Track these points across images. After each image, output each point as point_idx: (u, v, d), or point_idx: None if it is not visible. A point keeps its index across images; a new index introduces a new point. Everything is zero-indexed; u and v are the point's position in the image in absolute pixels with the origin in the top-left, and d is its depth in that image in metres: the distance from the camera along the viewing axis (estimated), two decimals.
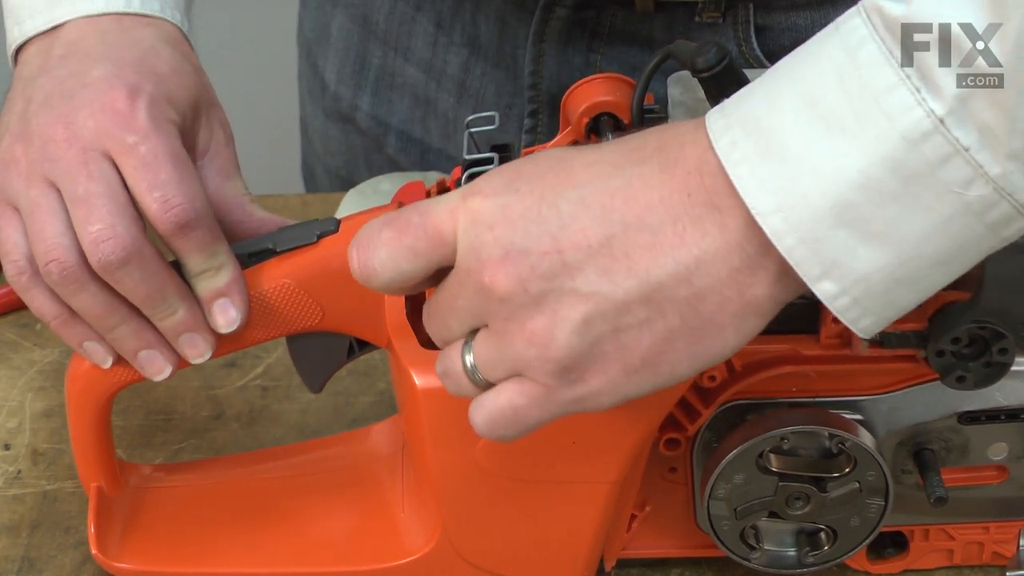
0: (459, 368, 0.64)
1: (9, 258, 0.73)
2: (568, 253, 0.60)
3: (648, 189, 0.60)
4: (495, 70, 1.03)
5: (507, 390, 0.63)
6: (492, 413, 0.63)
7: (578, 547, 0.76)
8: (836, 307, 0.59)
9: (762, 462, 0.73)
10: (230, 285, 0.73)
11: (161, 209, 0.70)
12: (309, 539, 0.80)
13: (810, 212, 0.57)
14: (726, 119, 0.60)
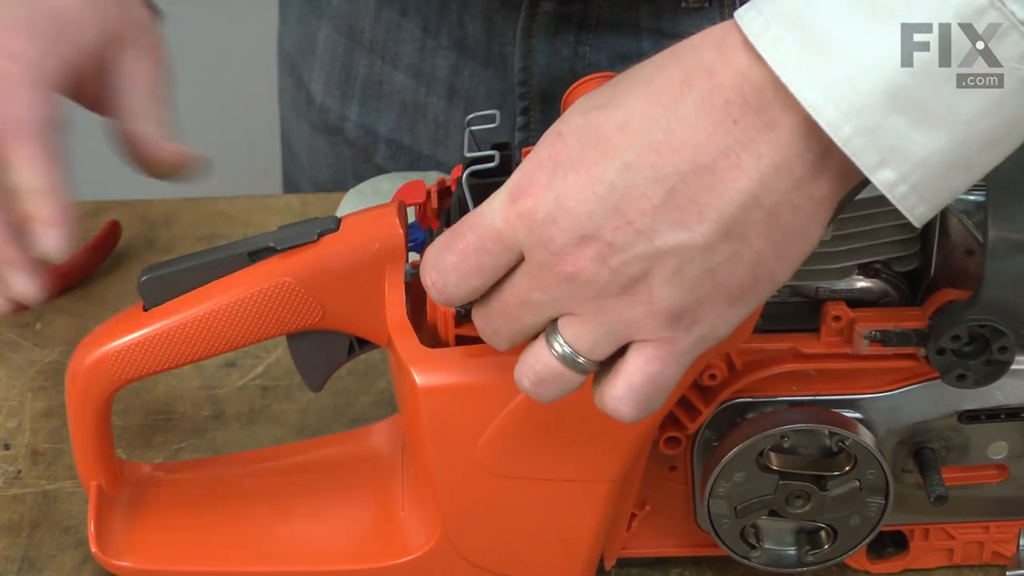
0: (555, 364, 0.63)
1: None
2: (638, 221, 0.60)
3: (691, 130, 0.59)
4: (484, 70, 1.03)
5: (632, 366, 0.62)
6: (634, 393, 0.63)
7: (578, 546, 0.76)
8: (895, 195, 0.58)
9: (762, 460, 0.73)
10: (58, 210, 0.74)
11: None
12: (309, 538, 0.80)
13: (862, 99, 0.57)
14: (762, 17, 0.58)
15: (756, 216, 0.60)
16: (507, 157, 0.73)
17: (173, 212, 1.09)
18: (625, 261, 0.60)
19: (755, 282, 0.61)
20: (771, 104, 0.58)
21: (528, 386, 0.64)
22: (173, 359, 0.75)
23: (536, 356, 0.64)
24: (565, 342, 0.63)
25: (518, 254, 0.62)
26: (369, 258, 0.74)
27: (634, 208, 0.60)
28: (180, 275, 0.75)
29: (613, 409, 0.63)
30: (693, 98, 0.59)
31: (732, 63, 0.59)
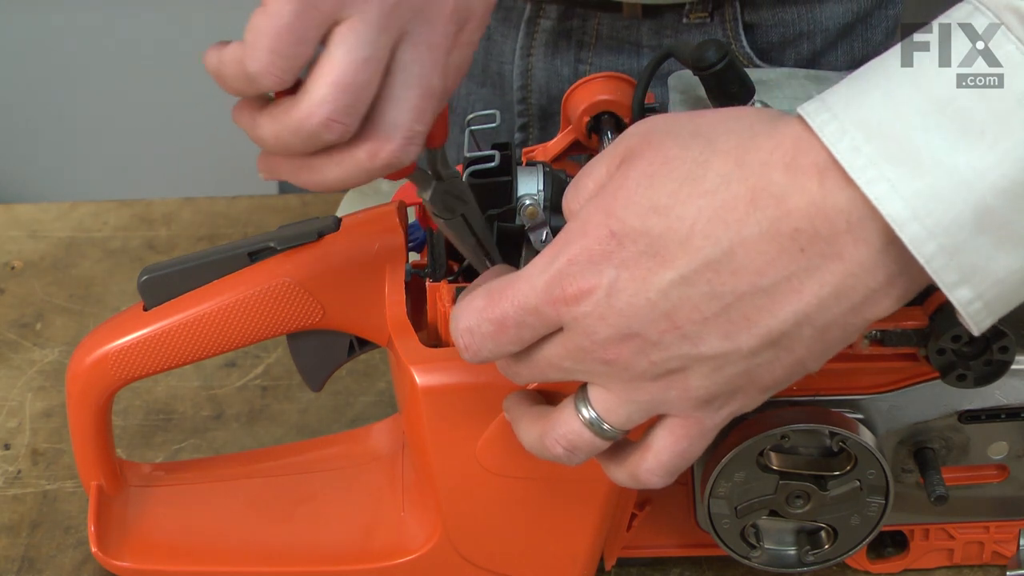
0: (584, 432, 0.63)
1: None
2: (686, 327, 0.59)
3: (754, 254, 0.58)
4: (481, 88, 1.03)
5: (661, 443, 0.63)
6: (663, 468, 0.63)
7: (578, 546, 0.76)
8: (968, 312, 0.58)
9: (763, 460, 0.73)
10: None
11: None
12: (309, 538, 0.80)
13: (951, 218, 0.56)
14: (838, 121, 0.57)
15: (806, 332, 0.59)
16: (507, 157, 0.74)
17: (173, 212, 1.09)
18: (666, 357, 0.60)
19: (789, 377, 0.62)
20: (843, 235, 0.57)
21: (560, 453, 0.64)
22: (173, 359, 0.75)
23: (565, 424, 0.64)
24: (594, 411, 0.63)
25: (557, 328, 0.62)
26: (369, 258, 0.74)
27: (684, 317, 0.59)
28: (180, 275, 0.75)
29: (644, 481, 0.64)
30: (759, 222, 0.58)
31: (803, 189, 0.58)
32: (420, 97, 0.61)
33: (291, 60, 0.59)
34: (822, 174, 0.57)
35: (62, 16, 2.10)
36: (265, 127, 0.61)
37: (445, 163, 0.69)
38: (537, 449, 0.65)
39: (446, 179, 0.69)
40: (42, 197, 1.23)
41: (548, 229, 0.73)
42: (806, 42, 0.96)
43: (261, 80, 0.59)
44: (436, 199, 0.69)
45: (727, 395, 0.61)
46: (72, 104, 2.16)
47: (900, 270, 0.58)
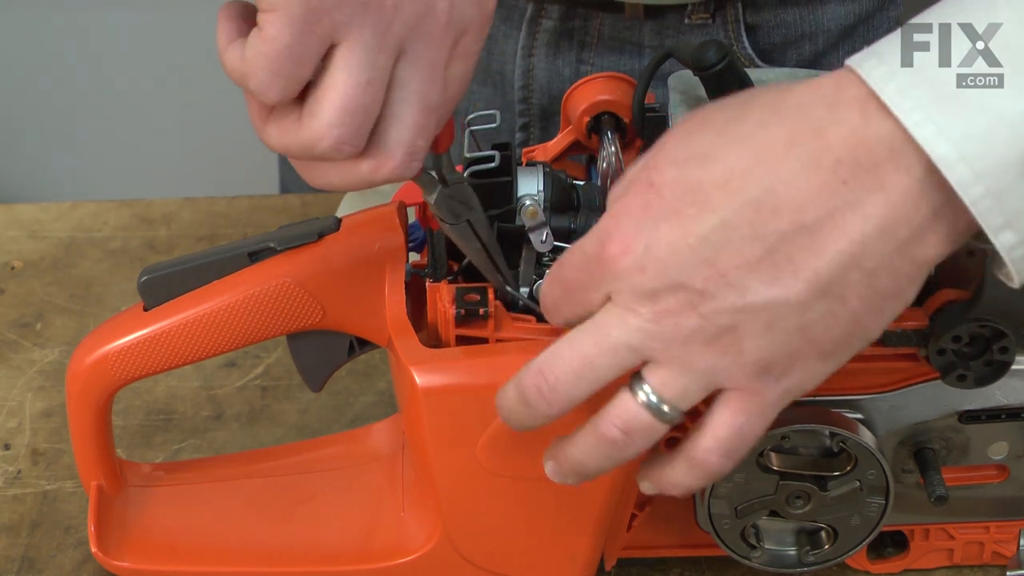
0: (642, 414, 0.62)
1: None
2: (730, 274, 0.59)
3: (795, 191, 0.58)
4: (482, 88, 1.03)
5: (718, 419, 0.62)
6: (721, 445, 0.62)
7: (578, 546, 0.76)
8: (1012, 257, 0.58)
9: (763, 461, 0.73)
10: None
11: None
12: (309, 538, 0.80)
13: (998, 161, 0.56)
14: (886, 66, 0.57)
15: (854, 277, 0.59)
16: (507, 157, 0.73)
17: (173, 212, 1.09)
18: (715, 310, 0.59)
19: (848, 339, 0.61)
20: (884, 165, 0.57)
21: (618, 436, 0.62)
22: (173, 359, 0.75)
23: (621, 407, 0.62)
24: (652, 390, 0.61)
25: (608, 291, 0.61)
26: (369, 258, 0.74)
27: (728, 262, 0.59)
28: (180, 275, 0.75)
29: (701, 462, 0.62)
30: (799, 158, 0.58)
31: (844, 121, 0.58)
32: (420, 113, 0.62)
33: (291, 80, 0.60)
34: (864, 105, 0.57)
35: (62, 16, 2.10)
36: (273, 137, 0.62)
37: (451, 168, 0.69)
38: (590, 445, 0.64)
39: (451, 184, 0.69)
40: (42, 197, 1.23)
41: (548, 229, 0.73)
42: (808, 43, 0.96)
43: (264, 97, 0.60)
44: (441, 203, 0.69)
45: (785, 361, 0.60)
46: (72, 104, 2.16)
47: (943, 204, 0.57)
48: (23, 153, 2.21)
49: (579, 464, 0.65)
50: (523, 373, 0.64)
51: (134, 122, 2.15)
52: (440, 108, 0.63)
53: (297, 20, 0.58)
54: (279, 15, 0.58)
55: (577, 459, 0.65)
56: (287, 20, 0.58)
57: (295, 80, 0.60)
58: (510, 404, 0.65)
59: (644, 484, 0.67)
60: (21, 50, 2.15)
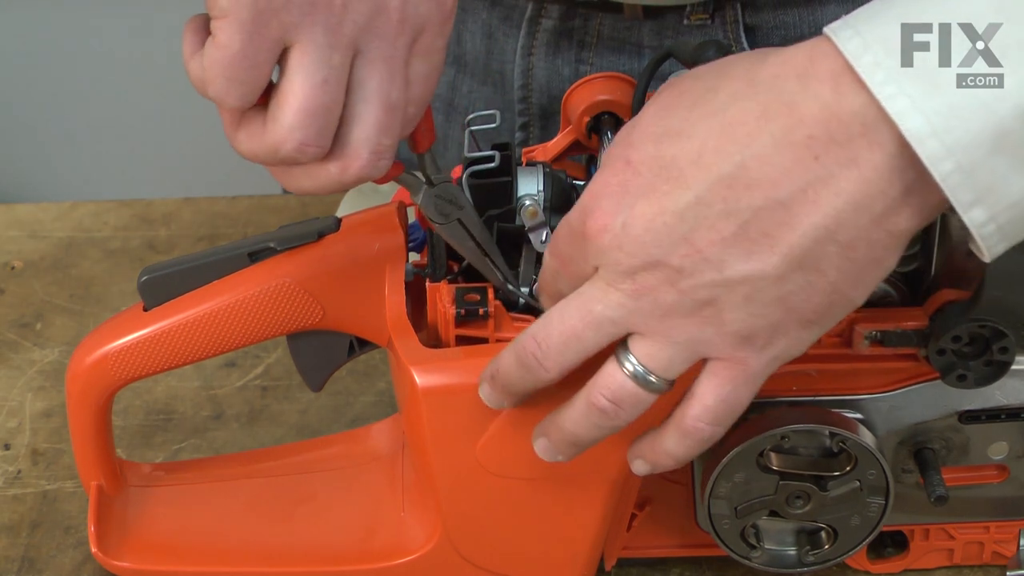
0: (628, 384, 0.63)
1: None
2: (707, 250, 0.59)
3: (767, 167, 0.58)
4: (483, 87, 1.03)
5: (705, 387, 0.63)
6: (709, 414, 0.63)
7: (578, 546, 0.76)
8: (981, 234, 0.58)
9: (763, 461, 0.73)
10: None
11: None
12: (309, 538, 0.80)
13: (969, 137, 0.56)
14: (860, 37, 0.57)
15: (831, 249, 0.59)
16: (507, 157, 0.73)
17: (173, 212, 1.09)
18: (693, 286, 0.60)
19: (830, 307, 0.61)
20: (857, 140, 0.57)
21: (606, 406, 0.64)
22: (173, 359, 0.75)
23: (609, 377, 0.63)
24: (637, 361, 0.62)
25: (592, 267, 0.62)
26: (369, 258, 0.74)
27: (703, 239, 0.59)
28: (180, 275, 0.75)
29: (691, 429, 0.63)
30: (771, 133, 0.58)
31: (816, 95, 0.58)
32: (380, 111, 0.62)
33: (248, 84, 0.60)
34: (836, 80, 0.57)
35: (62, 16, 2.10)
36: (243, 144, 0.63)
37: (435, 167, 0.70)
38: (580, 415, 0.65)
39: (437, 183, 0.70)
40: (42, 197, 1.23)
41: (548, 229, 0.73)
42: None
43: (223, 103, 0.61)
44: (428, 203, 0.70)
45: (767, 331, 0.61)
46: (72, 104, 2.16)
47: (916, 178, 0.57)
48: (23, 153, 2.21)
49: (570, 435, 0.66)
50: (520, 338, 0.65)
51: (134, 122, 2.15)
52: (403, 106, 0.63)
53: (246, 25, 0.59)
54: (229, 21, 0.59)
55: (568, 430, 0.66)
56: (237, 26, 0.59)
57: (251, 85, 0.60)
58: (507, 368, 0.66)
59: (637, 463, 0.68)
60: (21, 50, 2.15)
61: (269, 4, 0.59)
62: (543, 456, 0.68)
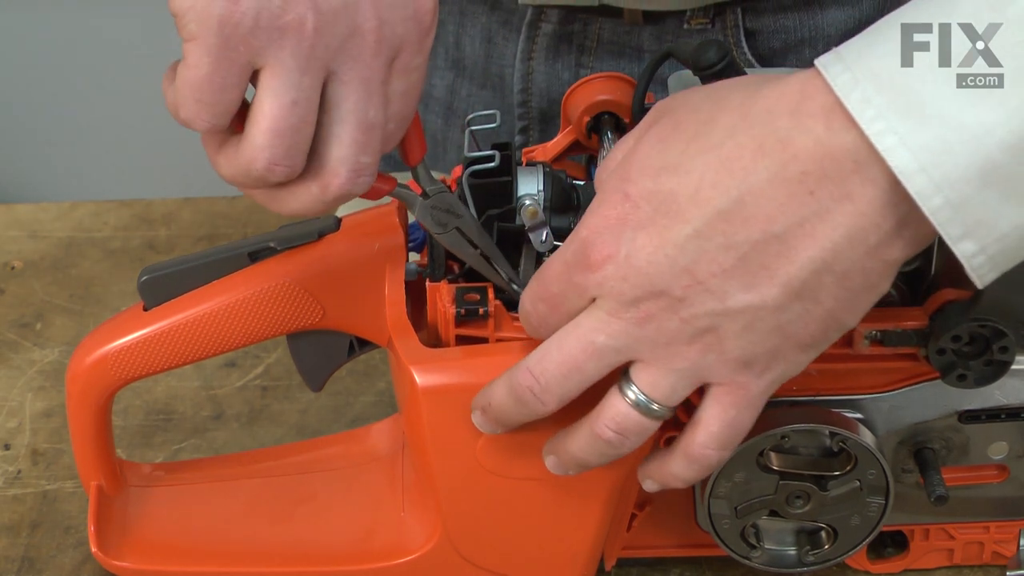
0: (632, 414, 0.64)
1: None
2: (708, 282, 0.60)
3: (764, 201, 0.59)
4: (481, 90, 1.03)
5: (709, 414, 0.64)
6: (715, 440, 0.64)
7: (578, 546, 0.76)
8: (971, 264, 0.59)
9: (763, 460, 0.73)
10: None
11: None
12: (309, 538, 0.80)
13: (958, 172, 0.57)
14: (850, 72, 0.58)
15: (827, 280, 0.60)
16: (507, 157, 0.73)
17: (173, 212, 1.09)
18: (695, 314, 0.61)
19: (825, 332, 0.62)
20: (850, 176, 0.58)
21: (612, 437, 0.65)
22: (173, 359, 0.75)
23: (612, 408, 0.64)
24: (639, 390, 0.63)
25: (591, 299, 0.63)
26: (369, 258, 0.74)
27: (704, 270, 0.60)
28: (180, 275, 0.75)
29: (698, 456, 0.64)
30: (767, 168, 0.59)
31: (809, 131, 0.59)
32: (357, 130, 0.62)
33: (218, 107, 0.61)
34: (828, 116, 0.58)
35: (62, 16, 2.10)
36: (222, 168, 0.63)
37: (429, 179, 0.70)
38: (586, 443, 0.66)
39: (432, 195, 0.70)
40: (42, 197, 1.23)
41: (548, 229, 0.73)
42: (807, 49, 0.95)
43: (193, 125, 0.62)
44: (424, 215, 0.70)
45: (766, 357, 0.62)
46: (72, 104, 2.16)
47: (907, 213, 0.58)
48: (23, 153, 2.21)
49: (578, 460, 0.67)
50: (514, 373, 0.66)
51: (134, 122, 2.14)
52: (382, 124, 0.63)
53: (214, 49, 0.59)
54: (197, 44, 0.59)
55: (576, 455, 0.67)
56: (205, 49, 0.59)
57: (221, 107, 0.61)
58: (501, 401, 0.67)
59: (647, 482, 0.69)
60: (21, 50, 2.15)
61: (236, 29, 0.59)
62: (554, 471, 0.70)
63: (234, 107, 0.61)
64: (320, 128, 0.62)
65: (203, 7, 0.59)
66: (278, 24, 0.59)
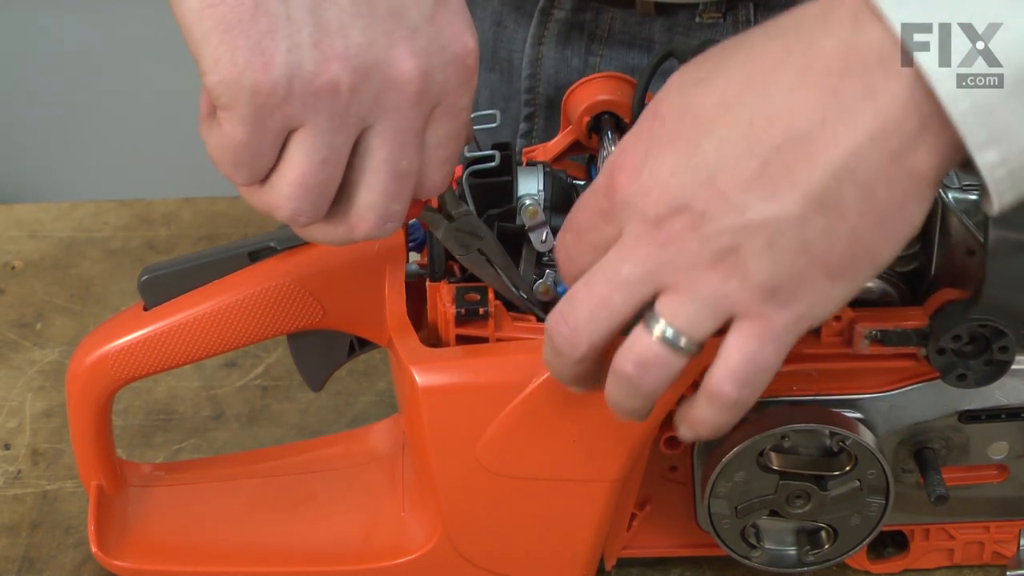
0: (656, 347, 0.62)
1: None
2: (729, 192, 0.59)
3: (788, 101, 0.59)
4: (489, 73, 1.03)
5: (730, 346, 0.61)
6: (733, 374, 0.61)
7: (578, 546, 0.76)
8: (993, 177, 0.58)
9: (763, 460, 0.73)
10: None
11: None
12: (309, 538, 0.80)
13: None
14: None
15: (850, 189, 0.59)
16: (507, 157, 0.73)
17: (173, 212, 1.09)
18: (716, 230, 0.59)
19: (853, 259, 0.60)
20: (875, 72, 0.58)
21: (631, 371, 0.62)
22: (173, 359, 0.75)
23: (636, 341, 0.62)
24: (664, 322, 0.61)
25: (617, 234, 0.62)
26: (369, 258, 0.74)
27: (726, 180, 0.59)
28: (180, 275, 0.75)
29: (717, 392, 0.62)
30: (792, 68, 0.59)
31: (836, 31, 0.58)
32: (389, 180, 0.62)
33: (255, 167, 0.61)
34: (855, 15, 0.58)
35: (62, 16, 2.10)
36: (252, 200, 0.64)
37: (455, 202, 0.70)
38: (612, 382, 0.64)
39: (457, 218, 0.70)
40: (42, 197, 1.23)
41: (548, 229, 0.73)
42: None
43: (233, 181, 0.62)
44: (448, 237, 0.70)
45: (792, 282, 0.60)
46: (72, 104, 2.16)
47: (932, 114, 0.57)
48: (23, 153, 2.21)
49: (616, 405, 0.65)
50: (549, 322, 0.64)
51: (134, 122, 2.15)
52: (413, 173, 0.63)
53: (249, 119, 0.59)
54: (232, 114, 0.59)
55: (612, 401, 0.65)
56: (239, 119, 0.59)
57: (258, 168, 0.61)
58: (548, 357, 0.65)
59: (681, 428, 0.67)
60: (21, 50, 2.15)
61: (268, 99, 0.58)
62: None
63: (270, 164, 0.61)
64: (351, 171, 0.62)
65: (233, 79, 0.58)
66: (312, 89, 0.59)
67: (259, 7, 0.58)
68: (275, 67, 0.58)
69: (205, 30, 0.58)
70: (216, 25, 0.58)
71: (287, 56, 0.58)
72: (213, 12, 0.58)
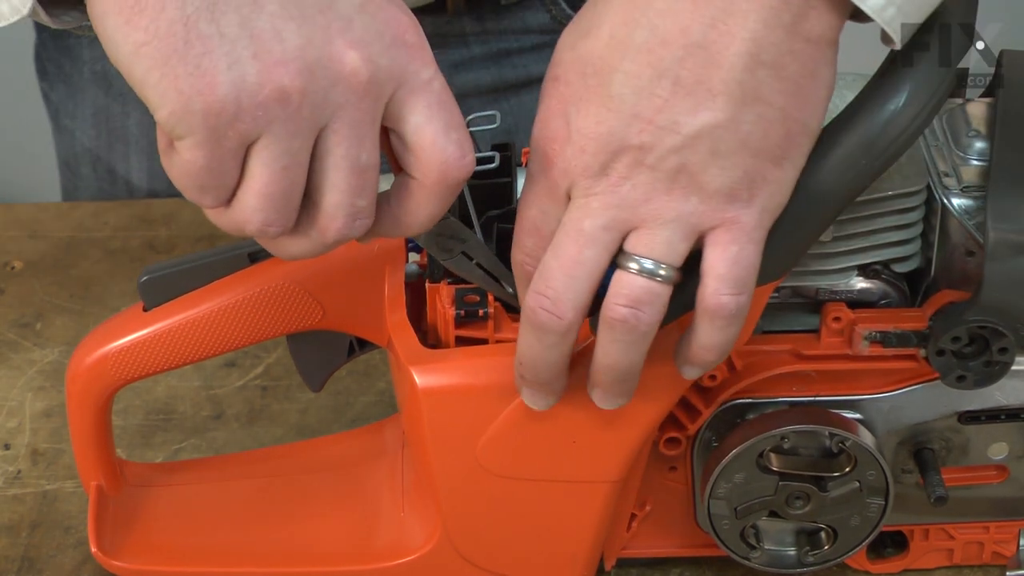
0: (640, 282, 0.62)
1: None
2: (656, 118, 0.61)
3: (673, 17, 0.60)
4: None
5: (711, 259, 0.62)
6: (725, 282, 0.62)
7: (578, 546, 0.76)
8: (883, 18, 0.60)
9: (762, 461, 0.73)
10: None
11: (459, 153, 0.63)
12: (309, 538, 0.80)
13: None
14: None
15: (763, 74, 0.60)
16: (507, 158, 0.73)
17: (173, 212, 1.09)
18: (659, 157, 0.61)
19: (790, 137, 0.62)
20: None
21: (625, 313, 0.63)
22: (173, 359, 0.75)
23: (620, 285, 0.63)
24: (638, 256, 0.62)
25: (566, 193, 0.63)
26: (369, 259, 0.74)
27: (649, 108, 0.61)
28: (180, 275, 0.75)
29: (715, 306, 0.63)
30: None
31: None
32: (351, 175, 0.62)
33: (219, 189, 0.61)
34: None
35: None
36: (211, 216, 0.63)
37: None
38: (607, 337, 0.64)
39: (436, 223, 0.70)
40: (42, 197, 1.23)
41: None
42: None
43: (201, 205, 0.62)
44: (429, 243, 0.70)
45: (745, 181, 0.61)
46: None
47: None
48: (23, 153, 2.21)
49: (613, 369, 0.65)
50: (525, 306, 0.65)
51: None
52: (375, 164, 0.62)
53: (205, 142, 0.59)
54: (189, 141, 0.59)
55: (608, 364, 0.65)
56: (196, 144, 0.59)
57: (223, 188, 0.61)
58: (527, 346, 0.66)
59: (685, 368, 0.67)
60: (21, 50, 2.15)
61: (220, 118, 0.58)
62: (604, 406, 0.68)
63: (235, 182, 0.61)
64: (313, 175, 0.62)
65: (182, 107, 0.58)
66: (260, 100, 0.59)
67: (190, 32, 0.58)
68: (220, 86, 0.58)
69: (144, 69, 0.58)
70: (153, 61, 0.58)
71: (229, 73, 0.58)
72: (147, 49, 0.58)
